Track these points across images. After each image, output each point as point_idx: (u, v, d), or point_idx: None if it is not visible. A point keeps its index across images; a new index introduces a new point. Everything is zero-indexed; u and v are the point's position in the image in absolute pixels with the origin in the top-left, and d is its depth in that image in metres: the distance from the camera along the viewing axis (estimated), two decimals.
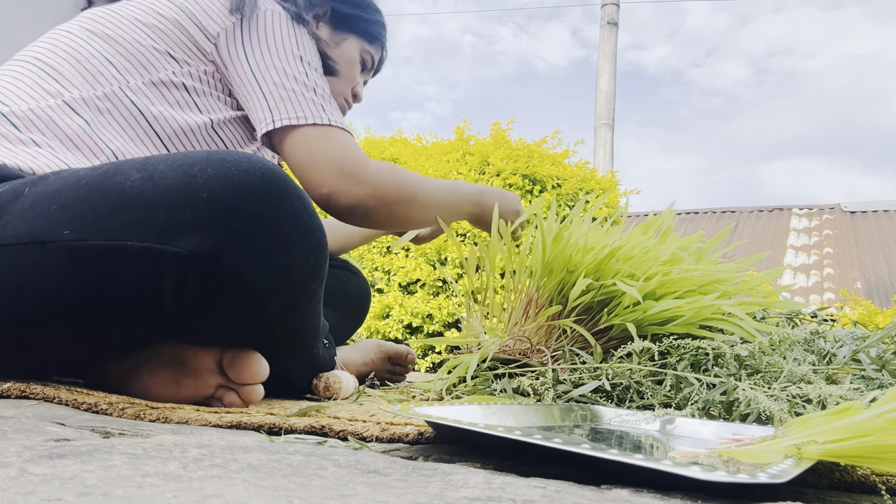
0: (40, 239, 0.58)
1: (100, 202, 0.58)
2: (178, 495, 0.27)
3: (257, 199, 0.59)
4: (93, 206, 0.58)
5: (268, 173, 0.60)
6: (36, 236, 0.58)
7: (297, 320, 0.69)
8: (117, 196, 0.58)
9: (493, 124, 2.43)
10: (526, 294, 0.98)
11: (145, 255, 0.57)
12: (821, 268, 7.18)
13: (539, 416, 0.61)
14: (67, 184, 0.60)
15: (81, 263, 0.58)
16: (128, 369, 0.67)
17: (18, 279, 0.58)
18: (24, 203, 0.60)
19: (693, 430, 0.60)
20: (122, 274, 0.58)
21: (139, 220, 0.57)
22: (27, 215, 0.59)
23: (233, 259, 0.59)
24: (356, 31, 1.01)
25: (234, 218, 0.58)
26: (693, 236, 1.06)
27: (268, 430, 0.55)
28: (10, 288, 0.59)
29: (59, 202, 0.59)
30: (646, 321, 0.88)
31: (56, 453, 0.35)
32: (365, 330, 2.33)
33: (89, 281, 0.58)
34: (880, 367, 0.77)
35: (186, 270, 0.58)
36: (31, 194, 0.60)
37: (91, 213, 0.58)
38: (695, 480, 0.34)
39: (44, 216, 0.58)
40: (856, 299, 3.85)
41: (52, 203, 0.59)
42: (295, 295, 0.65)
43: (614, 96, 6.83)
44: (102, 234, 0.57)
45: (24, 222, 0.58)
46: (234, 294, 0.61)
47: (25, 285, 0.59)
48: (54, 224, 0.58)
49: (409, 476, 0.36)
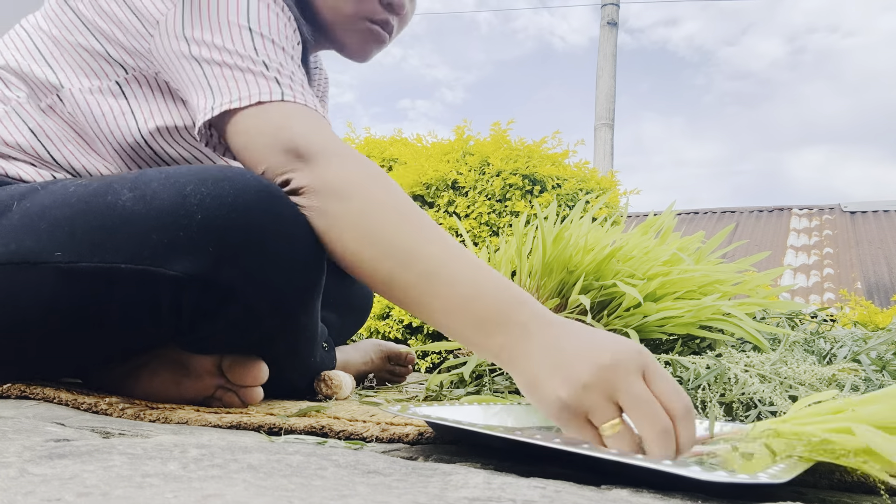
0: (32, 259, 0.56)
1: (91, 223, 0.57)
2: (178, 495, 0.27)
3: (252, 218, 0.58)
4: (83, 227, 0.57)
5: (263, 191, 0.59)
6: (27, 256, 0.56)
7: (294, 334, 0.68)
8: (109, 216, 0.56)
9: (493, 124, 2.43)
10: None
11: (140, 277, 0.56)
12: (821, 268, 7.18)
13: (539, 417, 0.61)
14: (57, 201, 0.58)
15: (74, 285, 0.57)
16: (128, 370, 0.67)
17: (11, 296, 0.57)
18: (13, 219, 0.58)
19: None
20: (116, 296, 0.57)
21: (132, 241, 0.56)
22: (17, 232, 0.58)
23: (228, 279, 0.58)
24: None
25: (230, 238, 0.57)
26: (693, 237, 1.06)
27: (268, 431, 0.55)
28: (3, 304, 0.58)
29: (49, 220, 0.57)
30: (647, 326, 0.88)
31: (56, 453, 0.35)
32: (365, 330, 2.33)
33: (83, 301, 0.57)
34: (880, 367, 0.77)
35: (182, 291, 0.57)
36: (20, 210, 0.59)
37: (82, 233, 0.56)
38: (695, 480, 0.34)
39: (33, 235, 0.57)
40: (856, 299, 3.85)
41: (41, 221, 0.57)
42: (292, 311, 0.64)
43: (614, 96, 6.82)
44: (95, 256, 0.56)
45: (13, 240, 0.57)
46: (230, 313, 0.60)
47: (19, 302, 0.58)
48: (45, 244, 0.56)
49: (409, 476, 0.36)
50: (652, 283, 0.89)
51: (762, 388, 0.62)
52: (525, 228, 1.05)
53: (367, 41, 0.82)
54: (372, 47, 0.83)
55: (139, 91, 0.71)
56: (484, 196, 2.30)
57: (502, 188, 2.27)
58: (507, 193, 2.28)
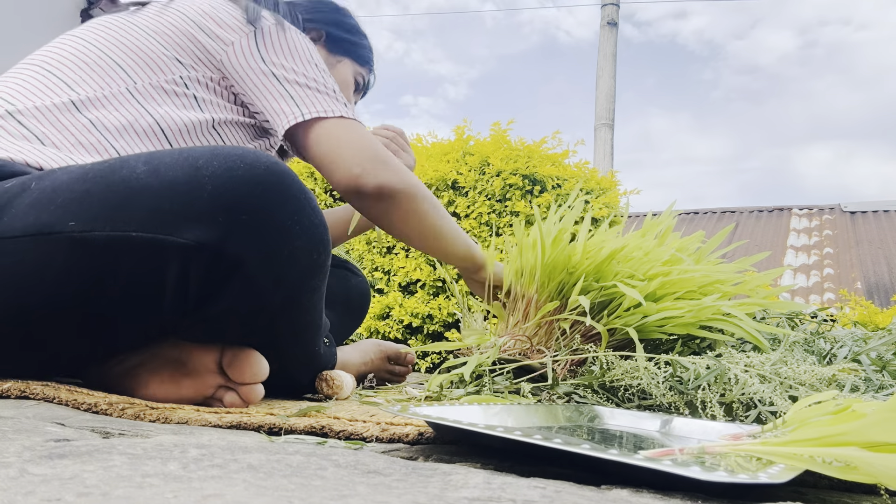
0: (46, 230, 0.58)
1: (106, 194, 0.59)
2: (178, 495, 0.27)
3: (262, 191, 0.60)
4: (99, 199, 0.59)
5: (272, 167, 0.61)
6: (42, 227, 0.58)
7: (298, 314, 0.69)
8: (123, 188, 0.59)
9: (493, 124, 2.43)
10: (526, 295, 0.98)
11: (150, 245, 0.58)
12: (821, 268, 7.18)
13: (539, 417, 0.61)
14: (74, 177, 0.61)
15: (87, 254, 0.58)
16: (128, 370, 0.67)
17: (25, 270, 0.59)
18: (31, 196, 0.60)
19: (693, 429, 0.60)
20: (126, 264, 0.59)
21: (144, 211, 0.58)
22: (34, 208, 0.59)
23: (236, 250, 0.59)
24: (349, 55, 1.08)
25: (239, 210, 0.59)
26: (693, 237, 1.06)
27: (268, 431, 0.55)
28: (16, 278, 0.59)
29: (66, 195, 0.59)
30: (647, 326, 0.88)
31: (56, 453, 0.35)
32: (364, 330, 2.33)
33: (94, 271, 0.59)
34: (881, 367, 0.77)
35: (190, 261, 0.59)
36: (38, 188, 0.61)
37: (97, 205, 0.58)
38: (695, 480, 0.34)
39: (50, 208, 0.59)
40: (856, 299, 3.85)
41: (58, 196, 0.60)
42: (297, 288, 0.66)
43: (614, 96, 6.82)
44: (108, 225, 0.58)
45: (30, 215, 0.59)
46: (236, 285, 0.61)
47: (31, 276, 0.59)
48: (60, 216, 0.58)
49: (409, 476, 0.36)
50: (652, 283, 0.89)
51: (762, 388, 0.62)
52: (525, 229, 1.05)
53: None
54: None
55: (203, 90, 0.84)
56: (484, 196, 2.30)
57: (502, 188, 2.27)
58: (507, 193, 2.28)
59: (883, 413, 0.39)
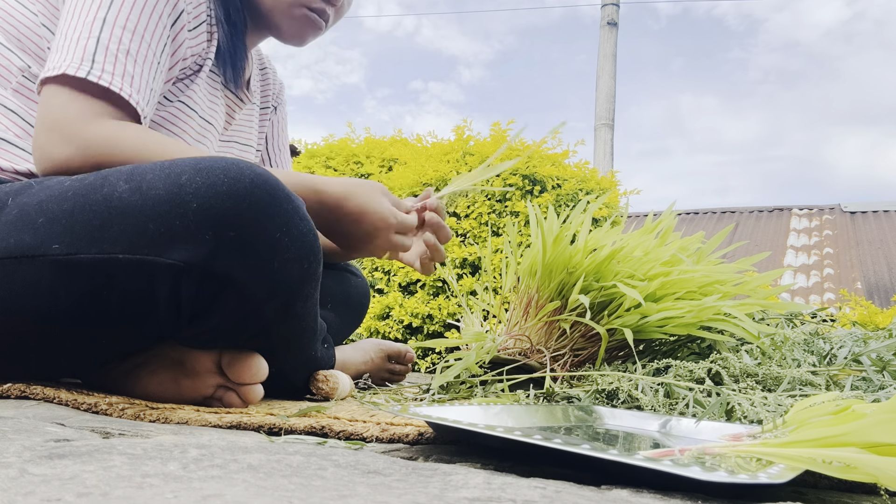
0: (30, 253, 0.57)
1: (88, 215, 0.57)
2: (178, 496, 0.27)
3: (248, 206, 0.58)
4: (81, 220, 0.57)
5: (257, 179, 0.59)
6: (25, 250, 0.57)
7: (293, 324, 0.68)
8: (105, 208, 0.57)
9: (493, 124, 2.44)
10: (527, 294, 0.98)
11: (138, 267, 0.57)
12: (821, 268, 7.18)
13: (539, 417, 0.61)
14: (53, 195, 0.59)
15: (74, 276, 0.57)
16: (127, 370, 0.67)
17: (10, 292, 0.58)
18: (10, 215, 0.59)
19: (692, 430, 0.60)
20: (115, 286, 0.58)
21: (129, 232, 0.57)
22: (14, 228, 0.58)
23: (226, 267, 0.58)
24: None
25: (226, 226, 0.58)
26: (693, 237, 1.06)
27: (268, 431, 0.55)
28: (7, 295, 0.58)
29: (47, 215, 0.58)
30: (647, 327, 0.88)
31: (56, 454, 0.35)
32: (364, 330, 2.33)
33: (82, 294, 0.58)
34: (881, 368, 0.77)
35: (180, 280, 0.58)
36: (17, 205, 0.59)
37: (80, 226, 0.57)
38: (695, 481, 0.34)
39: (31, 229, 0.58)
40: (856, 299, 3.85)
41: (38, 216, 0.58)
42: (289, 299, 0.65)
43: (614, 96, 6.82)
44: (93, 247, 0.57)
45: (11, 235, 0.58)
46: (228, 301, 0.60)
47: (18, 299, 0.58)
48: (43, 238, 0.57)
49: (409, 476, 0.36)
50: (652, 283, 0.89)
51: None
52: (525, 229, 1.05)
53: (305, 27, 0.86)
54: (308, 33, 0.87)
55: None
56: (484, 196, 2.30)
57: (502, 187, 2.27)
58: (507, 193, 2.28)
59: (883, 413, 0.39)
